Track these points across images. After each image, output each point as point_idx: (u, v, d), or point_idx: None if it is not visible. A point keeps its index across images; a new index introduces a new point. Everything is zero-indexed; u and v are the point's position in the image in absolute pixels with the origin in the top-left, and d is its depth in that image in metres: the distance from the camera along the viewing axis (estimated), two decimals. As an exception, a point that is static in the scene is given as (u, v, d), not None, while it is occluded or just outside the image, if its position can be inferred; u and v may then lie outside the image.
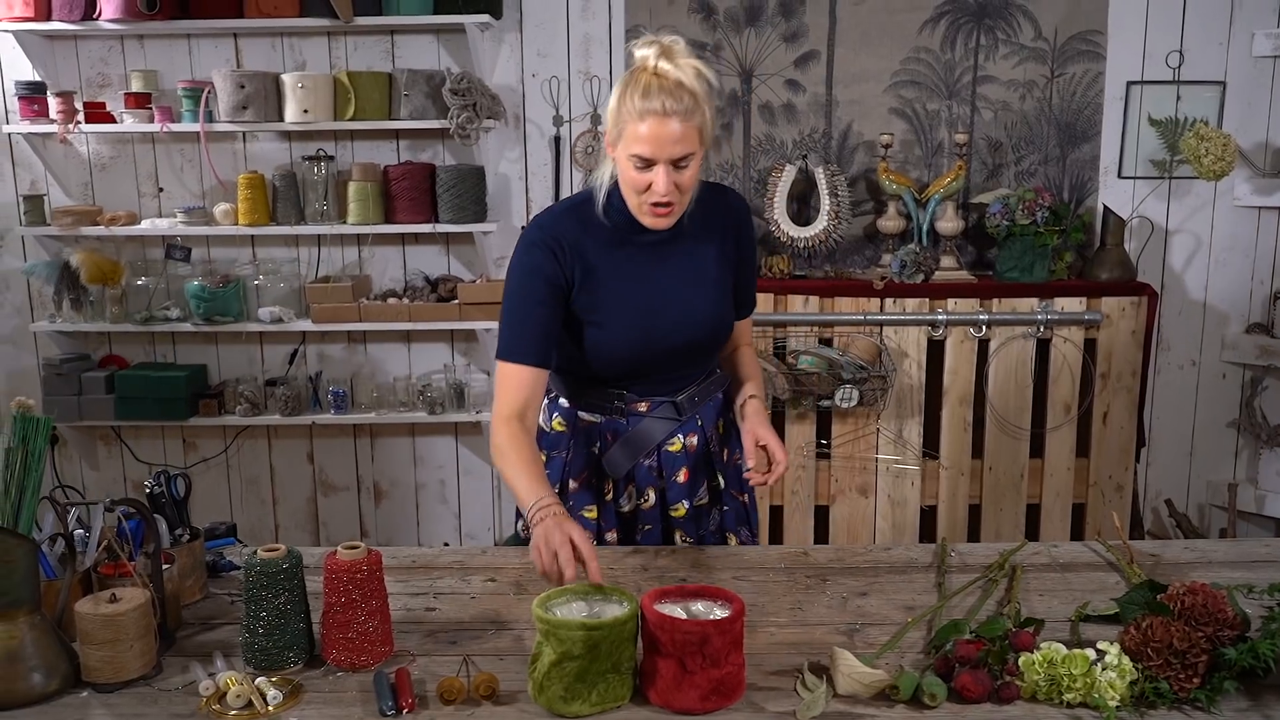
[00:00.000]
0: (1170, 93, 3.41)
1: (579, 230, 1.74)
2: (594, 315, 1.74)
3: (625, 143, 1.62)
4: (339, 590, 1.37)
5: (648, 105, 1.58)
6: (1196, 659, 1.27)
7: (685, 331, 1.77)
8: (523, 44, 3.49)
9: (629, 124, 1.60)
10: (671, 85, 1.58)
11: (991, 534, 3.34)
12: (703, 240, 1.79)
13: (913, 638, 1.45)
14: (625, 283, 1.74)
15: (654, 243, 1.75)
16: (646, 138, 1.59)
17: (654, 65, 1.60)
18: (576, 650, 1.24)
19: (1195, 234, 3.52)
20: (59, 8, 3.29)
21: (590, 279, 1.73)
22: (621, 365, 1.78)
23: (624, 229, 1.74)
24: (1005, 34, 3.41)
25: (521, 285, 1.73)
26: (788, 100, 3.49)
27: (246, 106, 3.31)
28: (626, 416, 1.82)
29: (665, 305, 1.76)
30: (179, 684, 1.35)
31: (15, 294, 3.66)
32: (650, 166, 1.61)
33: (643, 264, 1.75)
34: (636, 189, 1.65)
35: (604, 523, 1.86)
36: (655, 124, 1.58)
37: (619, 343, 1.75)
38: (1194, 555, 1.75)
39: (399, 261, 3.65)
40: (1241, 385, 3.59)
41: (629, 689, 1.30)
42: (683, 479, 1.85)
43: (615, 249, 1.74)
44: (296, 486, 3.81)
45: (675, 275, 1.77)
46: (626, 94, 1.61)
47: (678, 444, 1.84)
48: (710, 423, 1.88)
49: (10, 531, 1.33)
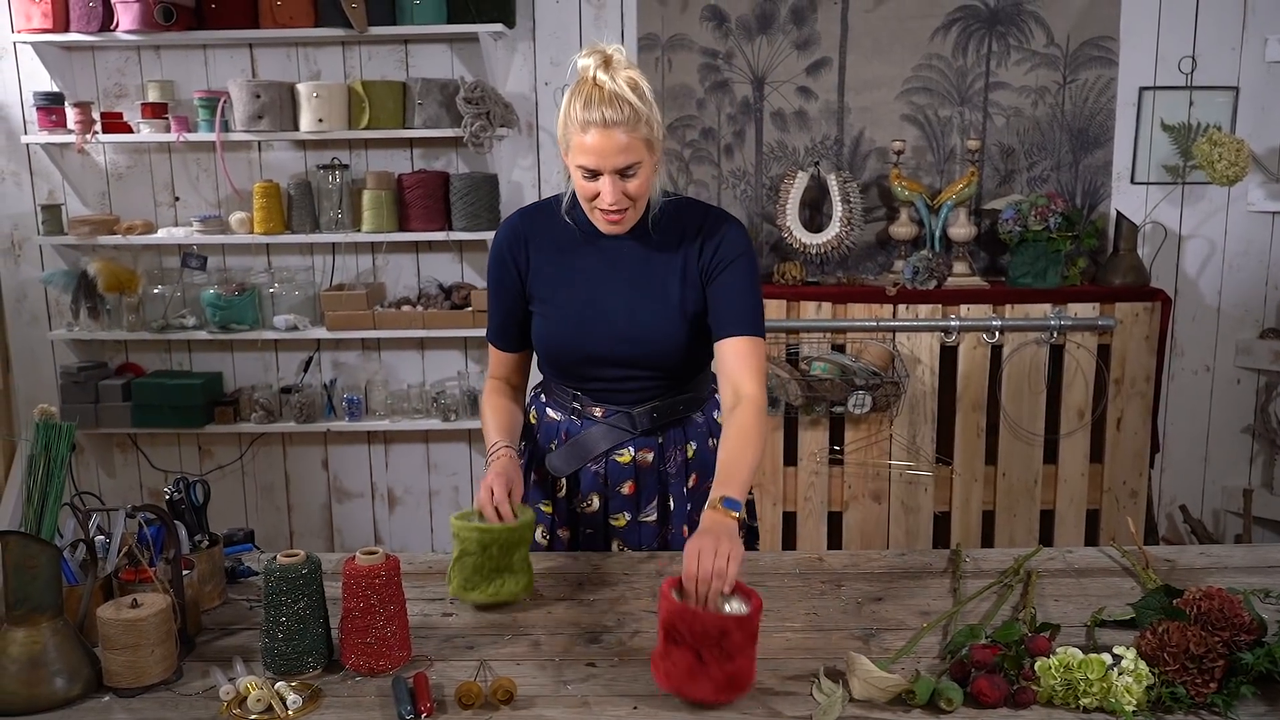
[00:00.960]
0: (1183, 98, 3.40)
1: (543, 225, 1.80)
2: (541, 306, 1.80)
3: (573, 153, 1.63)
4: (358, 595, 1.38)
5: (589, 116, 1.59)
6: (1213, 664, 1.27)
7: (627, 337, 1.76)
8: (536, 53, 3.51)
9: (574, 135, 1.62)
10: (609, 96, 1.59)
11: (1005, 540, 3.34)
12: (664, 253, 1.75)
13: (928, 643, 1.45)
14: (573, 279, 1.78)
15: (611, 247, 1.76)
16: (590, 149, 1.60)
17: (593, 76, 1.61)
18: (471, 548, 1.55)
19: (1209, 239, 3.51)
20: (77, 19, 3.32)
21: (541, 272, 1.79)
22: (561, 359, 1.81)
23: (584, 230, 1.77)
24: (1017, 40, 3.41)
25: (489, 275, 1.86)
26: (800, 107, 3.50)
27: (262, 116, 3.34)
28: (581, 419, 1.84)
29: (608, 307, 1.76)
30: (199, 688, 1.36)
31: (33, 303, 3.70)
32: (597, 177, 1.63)
33: (594, 265, 1.77)
34: (586, 197, 1.68)
35: (558, 518, 1.89)
36: (598, 135, 1.59)
37: (556, 334, 1.79)
38: (1209, 560, 1.75)
39: (413, 269, 3.67)
40: (1256, 391, 3.57)
41: (522, 587, 1.59)
42: (627, 491, 1.84)
43: (571, 247, 1.78)
44: (311, 493, 3.83)
45: (625, 281, 1.76)
46: (571, 104, 1.62)
47: (626, 456, 1.83)
48: (674, 444, 1.85)
49: (33, 537, 1.35)
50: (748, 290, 1.74)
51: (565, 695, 1.33)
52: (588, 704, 1.31)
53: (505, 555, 1.57)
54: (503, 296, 1.83)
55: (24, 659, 1.32)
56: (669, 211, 1.76)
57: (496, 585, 1.57)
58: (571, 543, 1.89)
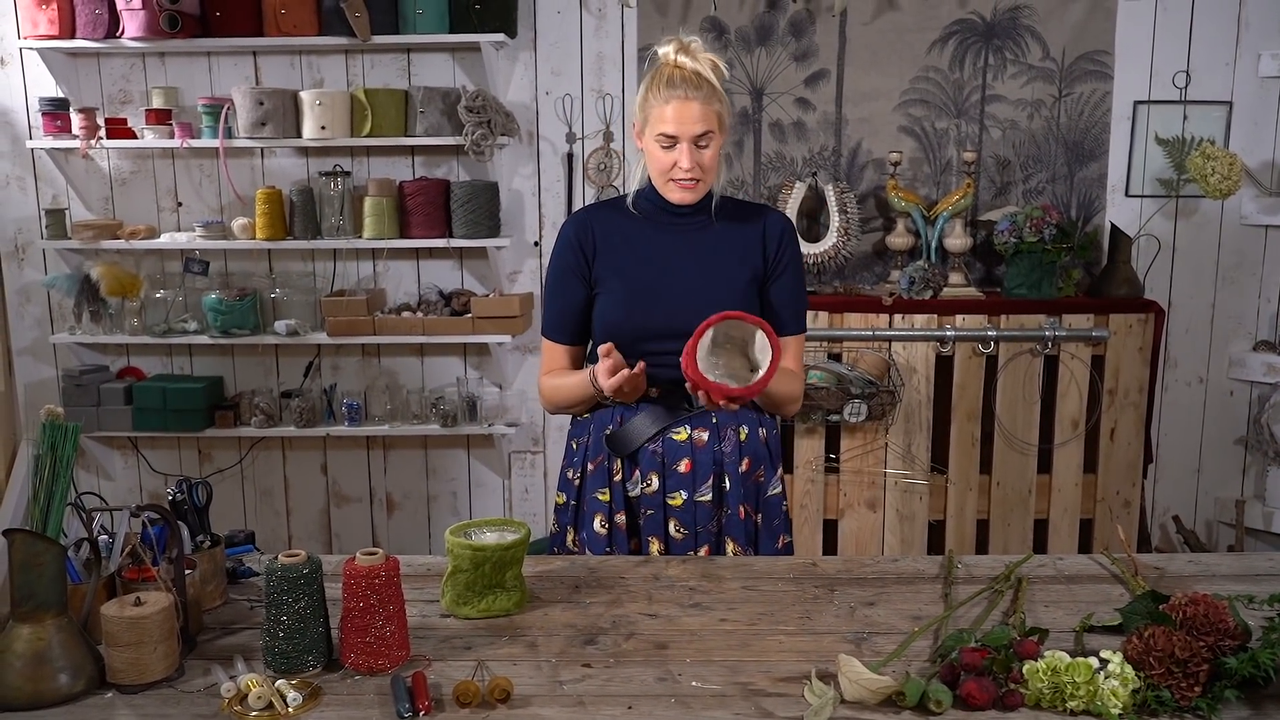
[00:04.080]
0: (1177, 112, 3.44)
1: (608, 216, 1.96)
2: (605, 285, 1.92)
3: (652, 125, 1.83)
4: (358, 595, 1.40)
5: (671, 91, 1.81)
6: (1198, 668, 1.29)
7: (684, 312, 1.83)
8: (537, 62, 3.54)
9: (655, 108, 1.82)
10: (690, 75, 1.82)
11: (999, 549, 3.36)
12: (726, 238, 1.92)
13: (919, 646, 1.47)
14: (639, 258, 1.91)
15: (676, 230, 1.92)
16: (671, 118, 1.80)
17: (674, 59, 1.83)
18: (464, 565, 1.56)
19: (1202, 252, 3.54)
20: (83, 26, 3.35)
21: (608, 254, 1.92)
22: (624, 333, 1.88)
23: (650, 216, 1.93)
24: (1013, 54, 3.45)
25: (551, 267, 1.99)
26: (798, 118, 3.53)
27: (265, 123, 3.37)
28: (637, 401, 1.92)
29: (674, 282, 1.89)
30: (201, 686, 1.38)
31: (36, 306, 3.72)
32: (674, 145, 1.82)
33: (660, 246, 1.92)
34: (663, 168, 1.85)
35: (614, 505, 1.94)
36: (678, 106, 1.80)
37: (621, 308, 1.89)
38: (1198, 568, 1.77)
39: (413, 276, 3.70)
40: (1249, 402, 3.60)
41: (514, 604, 1.59)
42: (684, 469, 1.91)
43: (638, 232, 1.93)
44: (310, 497, 3.85)
45: (690, 259, 1.91)
46: (652, 85, 1.84)
47: (683, 433, 1.92)
48: (729, 424, 1.93)
49: (40, 535, 1.37)
50: (802, 291, 1.99)
51: (561, 695, 1.35)
52: (583, 703, 1.33)
53: (498, 572, 1.58)
54: (566, 283, 1.95)
55: (29, 655, 1.33)
56: (727, 205, 1.96)
57: (489, 601, 1.59)
58: (629, 529, 1.94)
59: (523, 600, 1.62)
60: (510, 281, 3.66)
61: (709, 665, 1.42)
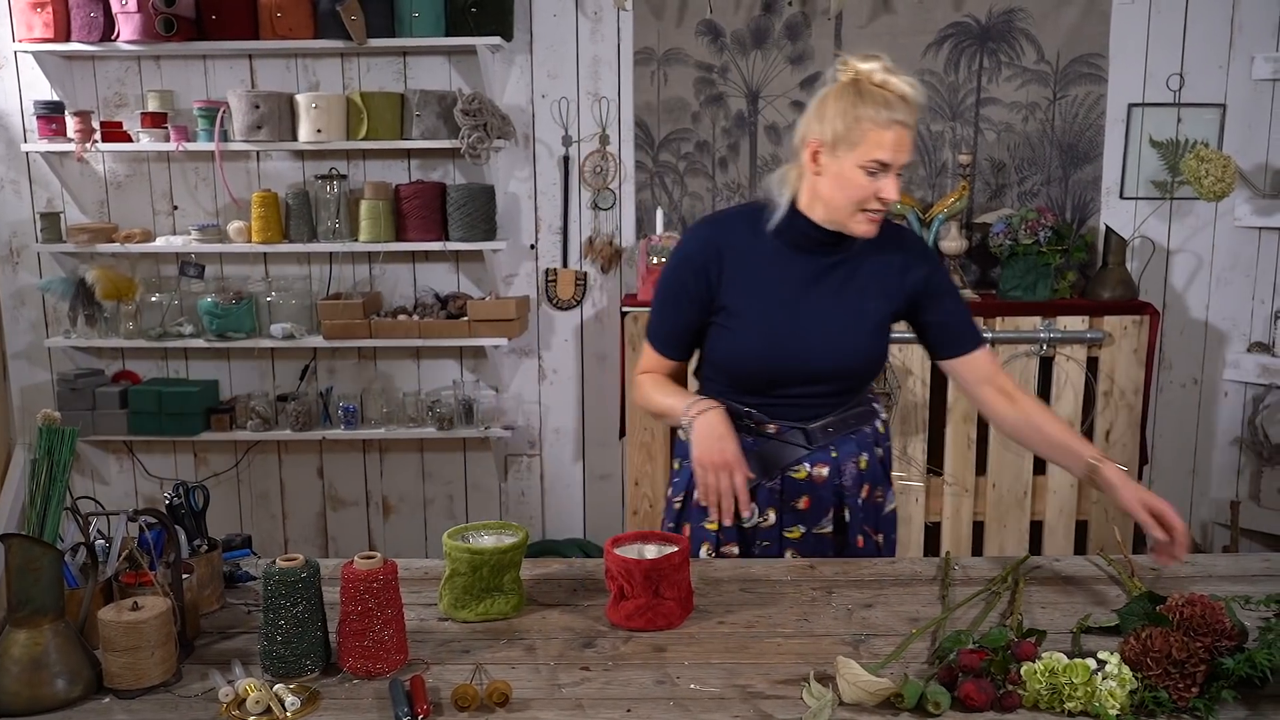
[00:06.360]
0: (1171, 115, 3.45)
1: (738, 237, 1.81)
2: (729, 319, 1.81)
3: (863, 149, 1.67)
4: (355, 599, 1.40)
5: (892, 115, 1.66)
6: (1195, 668, 1.29)
7: (819, 355, 1.78)
8: (533, 65, 3.55)
9: (870, 132, 1.66)
10: (906, 98, 1.68)
11: (995, 550, 3.36)
12: (865, 268, 1.81)
13: (917, 648, 1.48)
14: (770, 292, 1.79)
15: (813, 261, 1.80)
16: (891, 145, 1.67)
17: (881, 79, 1.68)
18: (462, 568, 1.56)
19: (1196, 254, 3.55)
20: (78, 29, 3.35)
21: (735, 283, 1.79)
22: (747, 372, 1.81)
23: (793, 246, 1.80)
24: (1008, 57, 3.46)
25: (666, 280, 1.85)
26: (793, 121, 3.52)
27: (261, 126, 3.37)
28: (754, 437, 1.84)
29: (805, 322, 1.79)
30: (198, 690, 1.38)
31: (31, 310, 3.71)
32: (881, 173, 1.68)
33: (796, 278, 1.80)
34: (861, 197, 1.70)
35: (723, 536, 1.88)
36: (900, 133, 1.67)
37: (746, 347, 1.80)
38: (1194, 569, 1.78)
39: (409, 279, 3.70)
40: (1244, 404, 3.61)
41: (511, 607, 1.59)
42: (803, 506, 1.87)
43: (775, 258, 1.80)
44: (306, 501, 3.84)
45: (824, 295, 1.80)
46: (863, 103, 1.67)
47: (803, 471, 1.85)
48: (848, 456, 1.87)
49: (36, 540, 1.36)
50: (966, 308, 1.89)
51: (560, 698, 1.35)
52: (581, 706, 1.33)
53: (496, 576, 1.58)
54: (683, 305, 1.83)
55: (26, 660, 1.33)
56: None
57: (486, 604, 1.58)
58: (742, 557, 1.88)
59: (520, 603, 1.62)
60: (506, 284, 3.66)
61: (707, 667, 1.42)
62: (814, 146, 1.72)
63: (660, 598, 1.53)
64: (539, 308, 3.69)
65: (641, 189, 3.59)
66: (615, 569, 1.54)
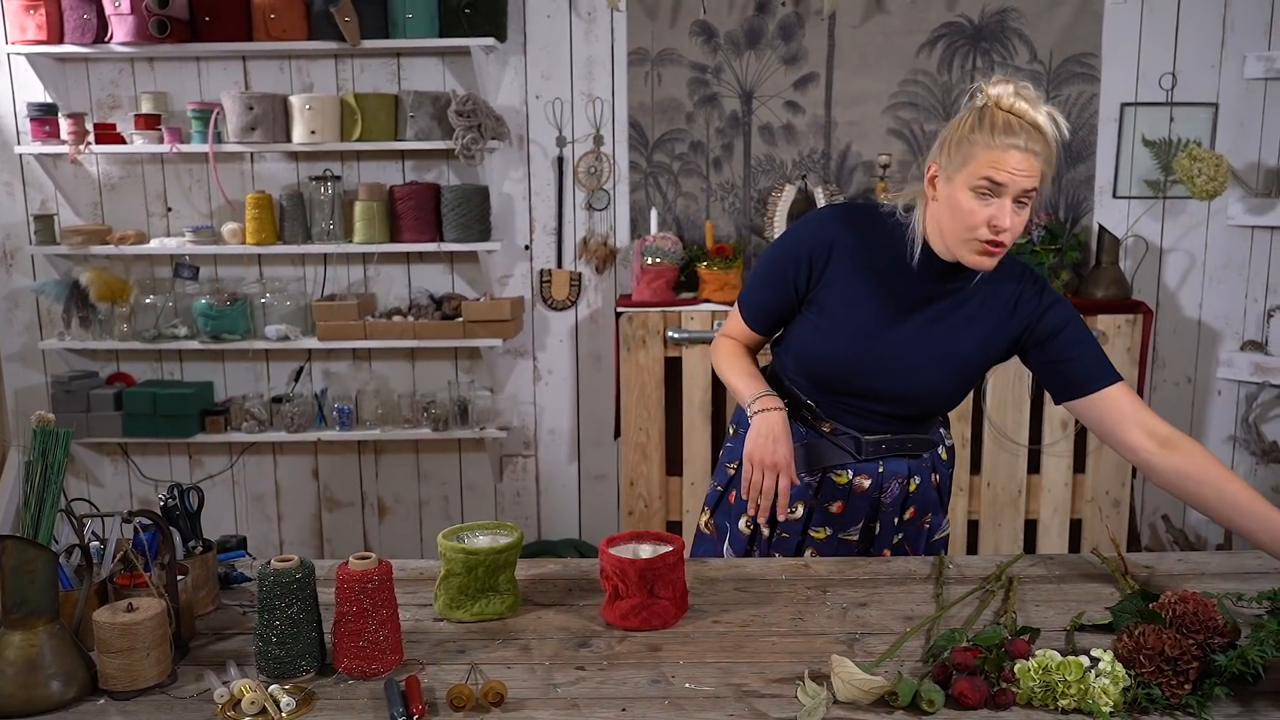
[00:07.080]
0: (1164, 114, 3.46)
1: (859, 237, 1.75)
2: (818, 316, 1.78)
3: (973, 168, 1.58)
4: (351, 600, 1.40)
5: (1011, 139, 1.57)
6: (1188, 665, 1.30)
7: (890, 380, 1.77)
8: (527, 66, 3.55)
9: (983, 153, 1.57)
10: (1034, 124, 1.59)
11: (990, 549, 3.37)
12: (971, 306, 1.74)
13: (911, 646, 1.48)
14: (866, 303, 1.75)
15: (926, 289, 1.73)
16: (1004, 164, 1.56)
17: (1010, 104, 1.59)
18: (457, 569, 1.56)
19: (1189, 253, 3.57)
20: (71, 31, 3.35)
21: (836, 284, 1.75)
22: (819, 373, 1.80)
23: (915, 272, 1.72)
24: (1001, 56, 3.47)
25: (773, 255, 1.82)
26: (787, 121, 3.54)
27: (255, 127, 3.36)
28: (808, 429, 1.85)
29: (889, 344, 1.75)
30: (194, 692, 1.38)
31: (25, 312, 3.71)
32: (995, 196, 1.58)
33: (900, 305, 1.74)
34: (972, 223, 1.60)
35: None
36: (1020, 156, 1.56)
37: (825, 350, 1.78)
38: (1187, 567, 1.78)
39: (404, 280, 3.70)
40: (1236, 402, 3.62)
41: (507, 607, 1.59)
42: (836, 510, 1.86)
43: (886, 274, 1.74)
44: (301, 502, 3.84)
45: (919, 323, 1.74)
46: (981, 126, 1.58)
47: (844, 477, 1.84)
48: (893, 474, 1.86)
49: (31, 542, 1.36)
50: (1095, 344, 1.72)
51: (555, 698, 1.35)
52: (577, 706, 1.33)
53: (491, 576, 1.58)
54: (780, 286, 1.79)
55: (20, 662, 1.33)
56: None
57: (481, 605, 1.58)
58: (769, 540, 1.90)
59: (516, 603, 1.62)
60: (501, 285, 3.67)
61: (702, 667, 1.42)
62: (933, 170, 1.66)
63: (655, 597, 1.53)
64: (534, 308, 3.69)
65: (636, 189, 3.60)
66: (610, 569, 1.55)
